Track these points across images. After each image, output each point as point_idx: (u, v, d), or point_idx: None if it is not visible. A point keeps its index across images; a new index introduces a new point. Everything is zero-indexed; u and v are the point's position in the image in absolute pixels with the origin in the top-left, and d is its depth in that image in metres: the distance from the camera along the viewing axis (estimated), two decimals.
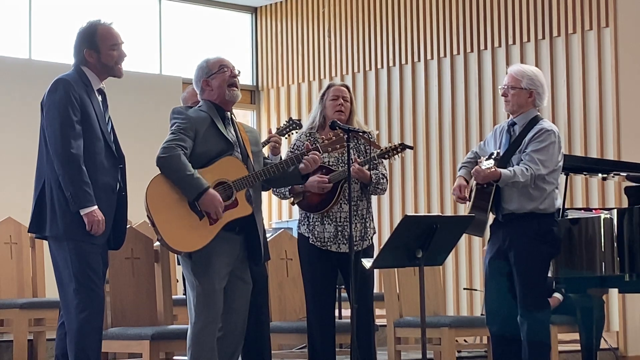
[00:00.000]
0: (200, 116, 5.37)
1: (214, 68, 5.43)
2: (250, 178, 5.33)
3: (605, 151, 9.72)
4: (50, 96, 5.14)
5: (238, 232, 5.35)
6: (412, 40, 11.20)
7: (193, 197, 5.19)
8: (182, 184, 5.19)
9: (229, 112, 5.49)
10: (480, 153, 6.28)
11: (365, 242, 6.12)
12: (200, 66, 5.48)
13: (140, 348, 5.83)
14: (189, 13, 12.31)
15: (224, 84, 5.41)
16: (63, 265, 5.10)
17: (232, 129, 5.45)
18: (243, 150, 5.42)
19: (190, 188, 5.18)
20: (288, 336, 6.64)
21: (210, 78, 5.42)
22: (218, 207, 5.20)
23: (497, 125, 6.33)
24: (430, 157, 10.95)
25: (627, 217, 6.27)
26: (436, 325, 6.85)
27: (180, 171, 5.18)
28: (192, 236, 5.21)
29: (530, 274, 5.93)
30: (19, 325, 7.12)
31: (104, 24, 5.28)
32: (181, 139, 5.25)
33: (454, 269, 10.58)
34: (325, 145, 5.60)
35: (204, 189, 5.17)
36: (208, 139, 5.32)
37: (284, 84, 12.41)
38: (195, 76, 5.49)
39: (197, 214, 5.22)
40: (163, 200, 5.21)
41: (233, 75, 5.44)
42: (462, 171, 6.25)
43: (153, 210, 5.19)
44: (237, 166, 5.34)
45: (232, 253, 5.33)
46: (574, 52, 10.04)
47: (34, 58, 10.88)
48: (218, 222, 5.24)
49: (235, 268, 5.35)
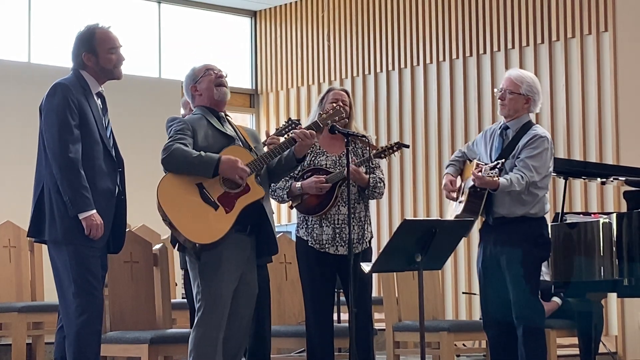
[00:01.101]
0: (196, 119, 5.42)
1: (199, 73, 5.51)
2: (258, 161, 5.35)
3: (604, 155, 9.72)
4: (48, 100, 5.14)
5: (249, 233, 5.35)
6: (412, 44, 11.20)
7: (211, 172, 5.19)
8: (193, 167, 5.20)
9: (222, 113, 5.53)
10: (468, 153, 6.31)
11: (363, 244, 6.12)
12: (188, 75, 5.57)
13: (139, 352, 5.82)
14: (188, 17, 12.31)
15: (211, 84, 5.47)
16: (62, 270, 5.10)
17: (229, 126, 5.50)
18: (245, 143, 5.46)
19: (204, 165, 5.20)
20: (287, 340, 6.64)
21: (197, 83, 5.50)
22: (240, 167, 5.21)
23: (488, 128, 6.35)
24: (429, 161, 10.95)
25: (626, 221, 6.28)
26: (435, 329, 6.84)
27: (187, 158, 5.20)
28: (210, 227, 5.19)
29: (523, 277, 5.94)
30: (17, 329, 7.13)
31: (102, 28, 5.28)
32: (180, 138, 5.28)
33: (453, 273, 10.58)
34: (323, 119, 5.61)
35: (218, 158, 5.20)
36: (208, 136, 5.36)
37: (284, 87, 12.42)
38: (184, 86, 5.58)
39: (212, 205, 5.21)
40: (175, 198, 5.21)
41: (219, 75, 5.50)
42: (449, 168, 6.30)
43: (167, 208, 5.18)
44: (242, 153, 5.36)
45: (242, 256, 5.33)
46: (572, 57, 10.04)
47: (33, 61, 10.88)
48: (234, 209, 5.23)
49: (243, 272, 5.33)
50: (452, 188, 6.17)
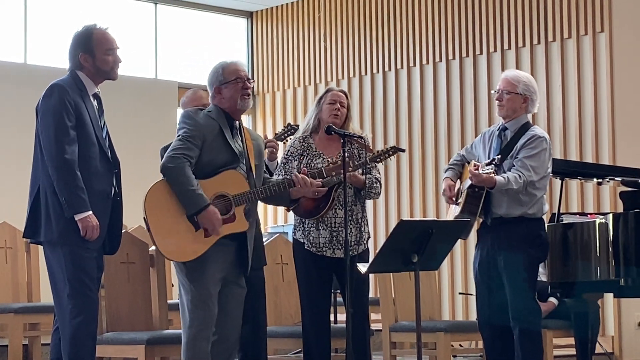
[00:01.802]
0: (210, 124, 5.33)
1: (228, 77, 5.38)
2: (249, 194, 5.32)
3: (600, 156, 9.73)
4: (44, 101, 5.14)
5: (232, 239, 5.34)
6: (408, 45, 11.20)
7: (192, 213, 5.18)
8: (184, 197, 5.18)
9: (237, 122, 5.46)
10: (467, 156, 6.30)
11: (360, 246, 6.12)
12: (216, 70, 5.43)
13: (136, 353, 5.82)
14: (184, 18, 12.29)
15: (237, 95, 5.37)
16: (57, 271, 5.10)
17: (239, 140, 5.42)
18: (247, 163, 5.41)
19: (191, 203, 5.17)
20: (283, 341, 6.64)
21: (223, 86, 5.38)
22: (216, 224, 5.20)
23: (486, 130, 6.35)
24: (426, 162, 10.95)
25: (622, 222, 6.28)
26: (432, 330, 6.85)
27: (184, 184, 5.17)
28: (186, 246, 5.20)
29: (520, 277, 5.95)
30: (13, 330, 7.12)
31: (99, 29, 5.28)
32: (188, 147, 5.23)
33: (450, 273, 10.58)
34: (329, 169, 5.60)
35: (204, 205, 5.17)
36: (215, 149, 5.31)
37: (280, 88, 12.41)
38: (209, 78, 5.44)
39: (194, 224, 5.21)
40: (161, 207, 5.20)
41: (246, 87, 5.39)
42: (448, 172, 6.29)
43: (150, 216, 5.19)
44: (239, 181, 5.32)
45: (226, 259, 5.33)
46: (569, 57, 10.05)
47: (29, 62, 10.87)
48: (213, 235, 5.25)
49: (228, 273, 5.34)
50: (450, 194, 6.15)
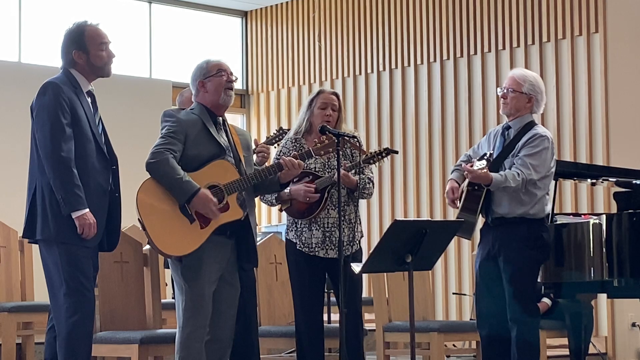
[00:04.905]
0: (192, 119, 5.34)
1: (212, 70, 5.40)
2: (240, 182, 5.31)
3: (594, 156, 9.74)
4: (39, 100, 5.13)
5: (229, 236, 5.33)
6: (402, 45, 11.21)
7: (184, 200, 5.17)
8: (172, 187, 5.18)
9: (220, 117, 5.46)
10: (473, 156, 6.28)
11: (353, 246, 6.11)
12: (200, 66, 5.45)
13: (129, 352, 5.81)
14: (179, 17, 12.30)
15: (220, 88, 5.38)
16: (54, 269, 5.09)
17: (224, 134, 5.43)
18: (235, 154, 5.40)
19: (181, 191, 5.16)
20: (277, 340, 6.63)
21: (206, 80, 5.39)
22: (211, 206, 5.18)
23: (492, 129, 6.33)
24: (420, 162, 10.95)
25: (616, 222, 6.28)
26: (425, 330, 6.85)
27: (170, 175, 5.16)
28: (182, 240, 5.19)
29: (519, 279, 5.92)
30: (7, 329, 7.11)
31: (91, 25, 5.25)
32: (170, 142, 5.23)
33: (443, 273, 10.59)
34: (317, 148, 5.59)
35: (195, 190, 5.16)
36: (199, 143, 5.30)
37: (274, 88, 12.41)
38: (192, 75, 5.45)
39: (188, 217, 5.20)
40: (153, 204, 5.19)
41: (229, 80, 5.42)
42: (454, 174, 6.24)
43: (144, 214, 5.18)
44: (228, 170, 5.32)
45: (223, 258, 5.32)
46: (563, 58, 10.06)
47: (23, 61, 10.86)
48: (209, 225, 5.22)
49: (224, 273, 5.34)
50: (453, 196, 6.10)
